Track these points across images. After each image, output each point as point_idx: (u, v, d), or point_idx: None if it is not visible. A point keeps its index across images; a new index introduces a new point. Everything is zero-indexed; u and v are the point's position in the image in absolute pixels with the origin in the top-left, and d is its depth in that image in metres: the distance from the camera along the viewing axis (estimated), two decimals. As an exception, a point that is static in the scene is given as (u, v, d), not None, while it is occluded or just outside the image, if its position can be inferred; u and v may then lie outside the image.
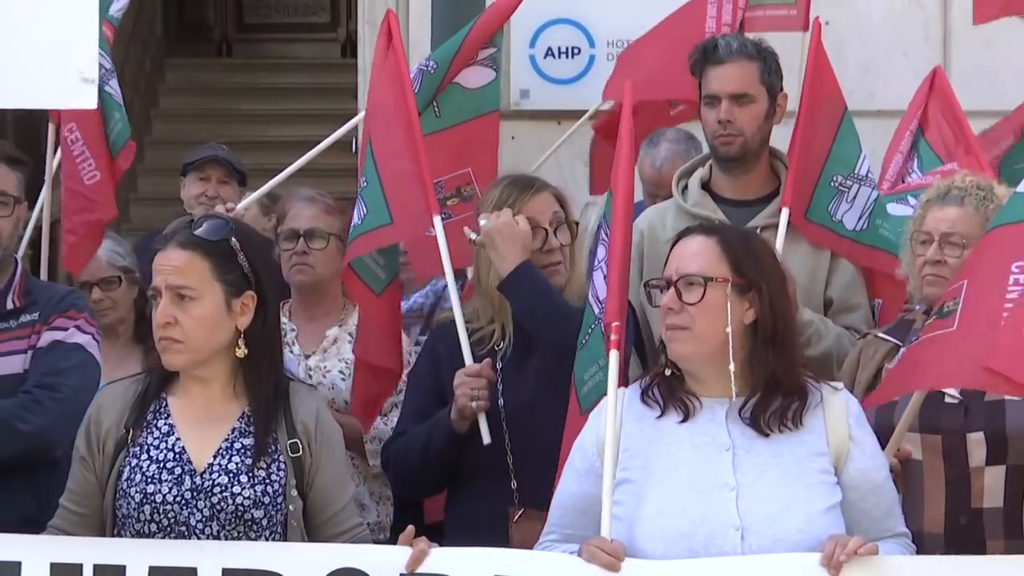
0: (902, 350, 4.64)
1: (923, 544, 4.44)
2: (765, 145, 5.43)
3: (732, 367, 4.03)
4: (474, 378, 4.75)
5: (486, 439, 4.75)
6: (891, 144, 6.36)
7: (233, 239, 4.17)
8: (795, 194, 5.29)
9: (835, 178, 5.36)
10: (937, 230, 4.71)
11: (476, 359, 4.84)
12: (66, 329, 4.93)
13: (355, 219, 5.22)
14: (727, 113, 5.31)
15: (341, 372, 5.47)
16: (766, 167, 5.44)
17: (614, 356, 4.23)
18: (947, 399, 4.61)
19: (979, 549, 4.46)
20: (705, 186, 5.47)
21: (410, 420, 4.93)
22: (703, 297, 4.03)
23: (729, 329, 4.03)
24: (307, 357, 5.58)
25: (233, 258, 4.16)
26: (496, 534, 4.45)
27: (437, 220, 5.11)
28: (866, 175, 5.38)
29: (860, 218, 5.34)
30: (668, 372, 4.13)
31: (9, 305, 4.85)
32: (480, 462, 4.79)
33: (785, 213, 5.24)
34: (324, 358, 5.54)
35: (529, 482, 4.70)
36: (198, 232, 4.15)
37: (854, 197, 5.36)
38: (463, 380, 4.76)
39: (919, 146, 6.21)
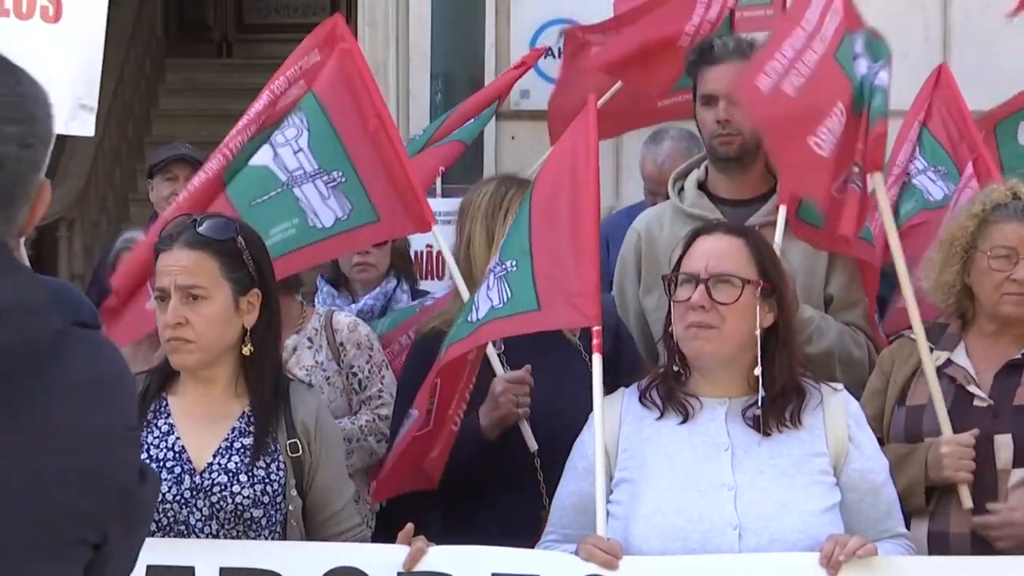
0: None
1: (950, 544, 4.46)
2: (761, 144, 5.44)
3: (759, 370, 4.05)
4: (517, 385, 4.68)
5: (533, 446, 4.66)
6: (898, 137, 6.35)
7: (239, 238, 4.19)
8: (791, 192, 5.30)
9: None
10: None
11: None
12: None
13: (337, 212, 5.03)
14: (726, 112, 5.30)
15: (301, 380, 5.42)
16: (762, 166, 5.44)
17: (597, 359, 4.22)
18: (976, 402, 4.61)
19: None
20: (702, 186, 5.47)
21: None
22: (739, 298, 4.04)
23: (758, 332, 4.05)
24: None
25: (239, 256, 4.17)
26: (527, 538, 4.39)
27: (437, 230, 5.04)
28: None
29: None
30: (676, 368, 4.12)
31: None
32: (505, 468, 4.74)
33: (783, 211, 5.24)
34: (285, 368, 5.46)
35: (557, 485, 4.64)
36: (204, 231, 4.15)
37: None
38: (506, 387, 4.66)
39: (922, 136, 6.19)
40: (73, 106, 4.87)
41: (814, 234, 5.28)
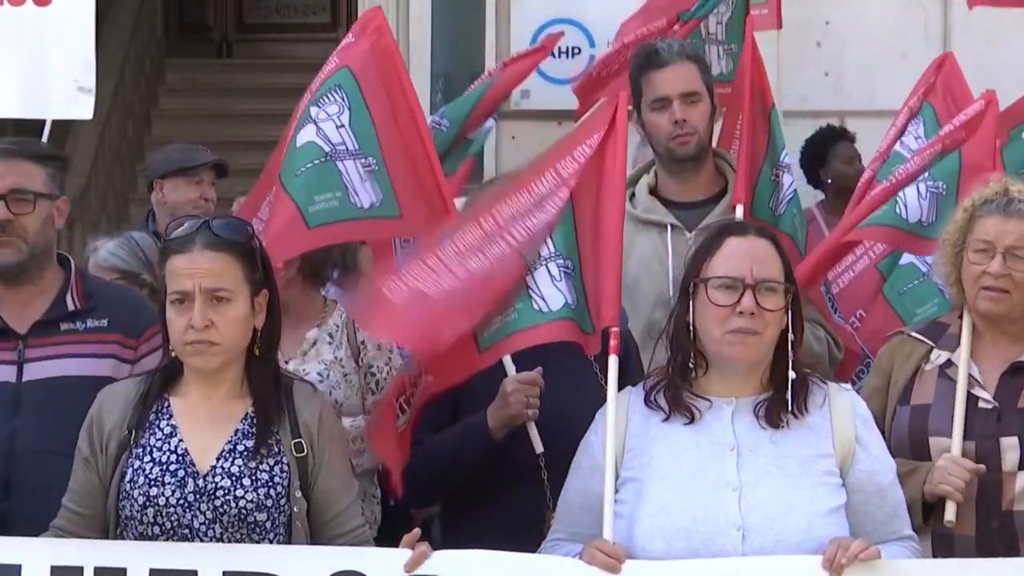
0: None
1: (953, 546, 4.47)
2: (711, 144, 5.52)
3: (793, 374, 4.07)
4: (529, 386, 4.67)
5: (539, 447, 4.67)
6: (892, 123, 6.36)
7: (255, 239, 4.20)
8: (746, 191, 5.35)
9: (773, 172, 5.45)
10: (1002, 242, 4.58)
11: None
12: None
13: (372, 197, 4.94)
14: (681, 112, 5.39)
15: (319, 374, 5.40)
16: (712, 167, 5.52)
17: (613, 361, 4.22)
18: (980, 404, 4.60)
19: (1012, 551, 4.45)
20: (653, 192, 5.52)
21: (424, 431, 4.78)
22: (783, 305, 4.08)
23: (791, 336, 4.09)
24: (286, 362, 5.48)
25: (254, 257, 4.18)
26: (531, 537, 4.40)
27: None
28: (788, 164, 5.50)
29: (780, 203, 5.42)
30: (690, 364, 4.11)
31: (71, 306, 4.82)
32: (510, 468, 4.74)
33: (740, 210, 5.27)
34: (303, 361, 5.47)
35: (561, 485, 4.64)
36: (222, 233, 4.15)
37: (782, 185, 5.46)
38: (518, 387, 4.66)
39: (924, 112, 6.17)
40: (71, 90, 4.86)
41: None
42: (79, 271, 4.96)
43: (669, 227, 5.42)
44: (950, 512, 4.46)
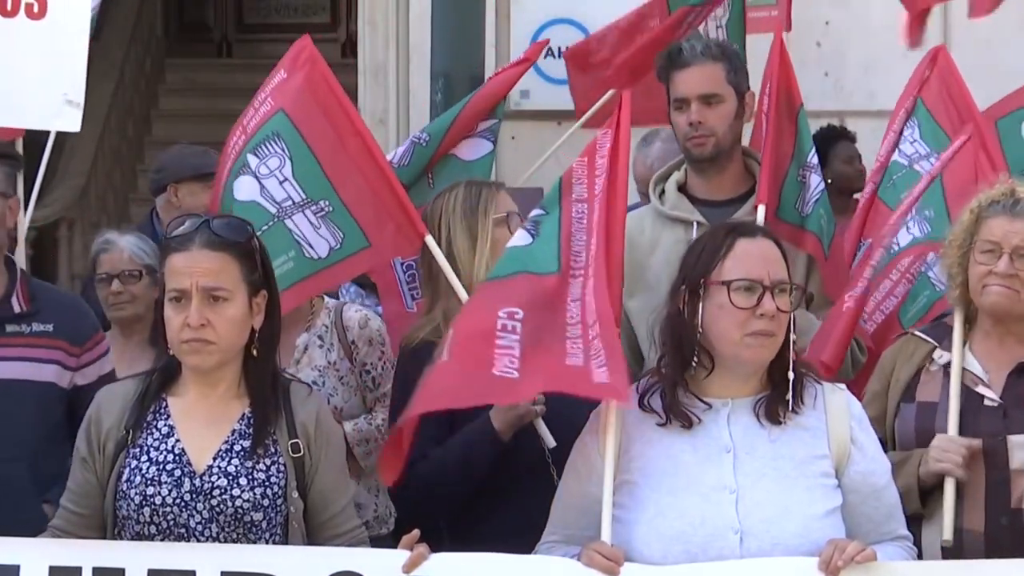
0: None
1: (963, 542, 4.48)
2: (737, 144, 5.50)
3: (792, 375, 4.09)
4: None
5: (551, 442, 4.68)
6: (888, 125, 6.35)
7: (255, 239, 4.20)
8: (769, 192, 5.34)
9: (800, 173, 5.44)
10: (1009, 242, 4.61)
11: None
12: (105, 354, 4.94)
13: (330, 242, 5.09)
14: (698, 114, 5.37)
15: (314, 382, 5.37)
16: (740, 166, 5.50)
17: None
18: (986, 402, 4.62)
19: (1021, 548, 4.42)
20: (682, 189, 5.52)
21: (426, 446, 4.72)
22: (796, 305, 4.10)
23: (793, 336, 4.10)
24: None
25: (253, 258, 4.19)
26: (537, 537, 4.38)
27: (429, 239, 5.03)
28: (816, 164, 5.48)
29: (807, 203, 5.41)
30: (694, 363, 4.11)
31: (16, 308, 4.82)
32: (511, 468, 4.74)
33: (761, 211, 5.27)
34: (297, 371, 5.43)
35: None
36: (222, 233, 4.15)
37: (809, 185, 5.45)
38: None
39: (918, 112, 6.15)
40: (59, 102, 4.85)
41: (793, 233, 5.31)
42: (24, 273, 4.94)
43: (695, 224, 5.41)
44: (947, 531, 4.47)
